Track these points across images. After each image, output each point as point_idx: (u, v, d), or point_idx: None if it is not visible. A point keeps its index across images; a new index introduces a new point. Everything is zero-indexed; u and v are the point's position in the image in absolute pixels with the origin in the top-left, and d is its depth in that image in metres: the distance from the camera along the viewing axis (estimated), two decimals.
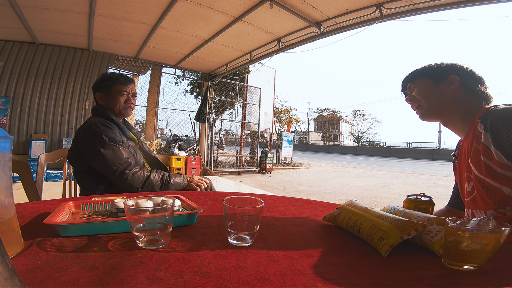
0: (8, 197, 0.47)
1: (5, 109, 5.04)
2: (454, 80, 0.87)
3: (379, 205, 3.58)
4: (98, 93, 1.40)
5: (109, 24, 4.56)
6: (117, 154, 1.24)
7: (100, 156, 1.22)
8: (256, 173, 8.52)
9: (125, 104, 1.41)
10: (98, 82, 1.41)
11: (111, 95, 1.38)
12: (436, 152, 22.67)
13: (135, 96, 1.46)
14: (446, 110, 0.90)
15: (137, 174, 1.25)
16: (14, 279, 0.27)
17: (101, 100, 1.40)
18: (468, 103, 0.87)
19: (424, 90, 0.92)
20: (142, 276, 0.41)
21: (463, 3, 3.13)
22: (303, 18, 4.06)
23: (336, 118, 42.05)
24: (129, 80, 1.43)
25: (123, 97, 1.40)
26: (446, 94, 0.88)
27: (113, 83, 1.39)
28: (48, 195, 3.68)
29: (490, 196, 0.78)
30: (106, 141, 1.24)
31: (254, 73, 8.66)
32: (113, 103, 1.39)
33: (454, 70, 0.89)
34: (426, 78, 0.92)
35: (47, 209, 0.76)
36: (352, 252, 0.56)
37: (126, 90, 1.40)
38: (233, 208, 0.55)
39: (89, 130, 1.26)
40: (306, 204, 0.96)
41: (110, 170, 1.22)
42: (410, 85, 0.95)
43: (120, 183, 1.24)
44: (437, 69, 0.91)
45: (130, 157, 1.28)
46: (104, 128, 1.26)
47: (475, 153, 0.81)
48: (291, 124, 14.27)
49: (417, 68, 0.97)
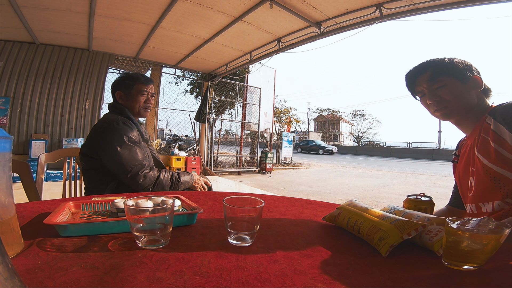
0: (8, 197, 0.47)
1: (5, 109, 5.04)
2: (479, 81, 0.87)
3: (379, 205, 3.57)
4: (118, 91, 1.39)
5: (109, 24, 4.56)
6: (133, 155, 1.23)
7: (116, 155, 1.20)
8: (256, 173, 8.52)
9: (144, 104, 1.41)
10: (118, 81, 1.41)
11: (131, 95, 1.38)
12: (436, 152, 22.65)
13: (153, 96, 1.45)
14: (469, 110, 0.88)
15: (149, 175, 1.24)
16: (14, 279, 0.27)
17: (120, 99, 1.39)
18: (483, 102, 0.89)
19: (456, 91, 0.87)
20: (142, 276, 0.41)
21: (463, 3, 3.13)
22: (303, 18, 4.06)
23: (336, 118, 42.04)
24: (149, 80, 1.43)
25: (143, 97, 1.40)
26: (472, 95, 0.87)
27: (133, 82, 1.38)
28: (48, 195, 3.68)
29: (499, 186, 0.79)
30: (126, 140, 1.23)
31: (254, 73, 8.66)
32: (133, 102, 1.38)
33: (472, 69, 0.87)
34: (452, 77, 0.87)
35: (47, 209, 0.76)
36: (352, 252, 0.56)
37: (146, 90, 1.40)
38: (233, 208, 0.55)
39: (110, 128, 1.24)
40: (306, 204, 0.96)
41: (124, 171, 1.21)
42: (432, 84, 0.89)
43: (132, 184, 1.23)
44: (462, 68, 0.87)
45: (145, 159, 1.27)
46: (125, 127, 1.26)
47: (483, 143, 0.83)
48: (291, 124, 14.27)
49: (432, 62, 0.90)
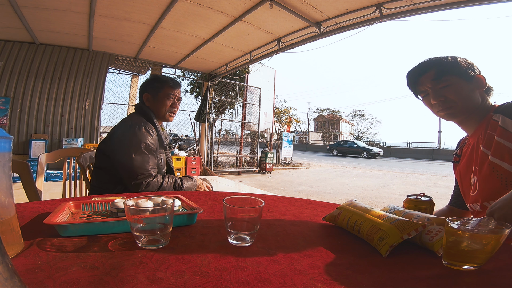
0: (8, 197, 0.47)
1: (5, 109, 5.04)
2: (483, 81, 0.86)
3: (379, 205, 3.57)
4: (146, 93, 1.40)
5: (109, 24, 4.56)
6: (144, 163, 1.22)
7: (129, 159, 1.20)
8: (256, 173, 8.52)
9: (170, 108, 1.41)
10: (147, 83, 1.41)
11: (158, 98, 1.38)
12: (436, 152, 22.63)
13: (179, 100, 1.45)
14: (473, 110, 0.88)
15: (152, 182, 1.22)
16: (14, 279, 0.27)
17: (147, 101, 1.40)
18: (486, 101, 0.89)
19: (461, 91, 0.86)
20: (142, 276, 0.41)
21: (463, 3, 3.13)
22: (303, 18, 4.06)
23: (336, 118, 42.02)
24: (177, 84, 1.43)
25: (170, 101, 1.40)
26: (477, 95, 0.87)
27: (162, 85, 1.38)
28: (48, 195, 3.68)
29: (505, 185, 0.79)
30: (142, 147, 1.22)
31: (254, 73, 8.66)
32: (160, 105, 1.38)
33: (475, 68, 0.87)
34: (457, 77, 0.85)
35: (47, 209, 0.76)
36: (352, 252, 0.56)
37: (174, 94, 1.40)
38: (233, 208, 0.55)
39: (132, 130, 1.24)
40: (306, 204, 0.96)
41: (130, 177, 1.20)
42: (437, 84, 0.87)
43: (133, 190, 1.22)
44: (465, 68, 0.86)
45: (154, 169, 1.26)
46: (146, 133, 1.25)
47: (489, 139, 0.83)
48: (291, 124, 14.27)
49: (435, 60, 0.89)
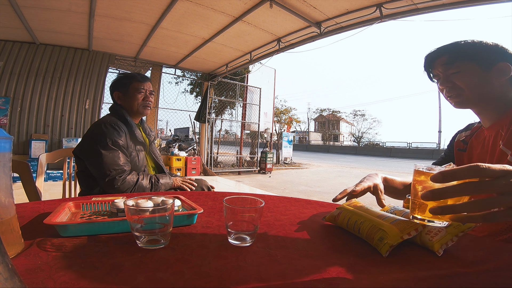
0: (8, 197, 0.47)
1: (5, 109, 5.04)
2: (506, 69, 0.76)
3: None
4: (116, 92, 1.40)
5: (109, 24, 4.56)
6: (115, 159, 1.22)
7: (99, 157, 1.20)
8: (256, 173, 8.52)
9: (143, 102, 1.41)
10: (115, 82, 1.42)
11: (129, 93, 1.39)
12: (436, 152, 22.64)
13: (152, 94, 1.45)
14: (490, 100, 0.80)
15: (127, 179, 1.22)
16: (14, 279, 0.27)
17: (119, 99, 1.40)
18: (510, 93, 0.79)
19: (471, 79, 0.78)
20: (142, 277, 0.41)
21: (463, 3, 3.13)
22: (303, 18, 4.06)
23: (336, 118, 42.04)
24: (145, 78, 1.44)
25: (141, 95, 1.40)
26: (495, 84, 0.78)
27: (130, 81, 1.39)
28: (48, 195, 3.68)
29: None
30: (109, 144, 1.22)
31: (254, 73, 8.66)
32: (131, 101, 1.39)
33: (503, 55, 0.77)
34: (472, 63, 0.78)
35: (47, 209, 0.76)
36: (352, 252, 0.56)
37: (144, 88, 1.41)
38: (233, 208, 0.55)
39: (97, 130, 1.25)
40: (306, 204, 0.96)
41: (102, 174, 1.20)
42: (448, 69, 0.80)
43: (108, 188, 1.20)
44: (485, 54, 0.77)
45: (126, 164, 1.25)
46: (111, 130, 1.25)
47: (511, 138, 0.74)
48: (291, 124, 14.27)
49: (453, 45, 0.82)
